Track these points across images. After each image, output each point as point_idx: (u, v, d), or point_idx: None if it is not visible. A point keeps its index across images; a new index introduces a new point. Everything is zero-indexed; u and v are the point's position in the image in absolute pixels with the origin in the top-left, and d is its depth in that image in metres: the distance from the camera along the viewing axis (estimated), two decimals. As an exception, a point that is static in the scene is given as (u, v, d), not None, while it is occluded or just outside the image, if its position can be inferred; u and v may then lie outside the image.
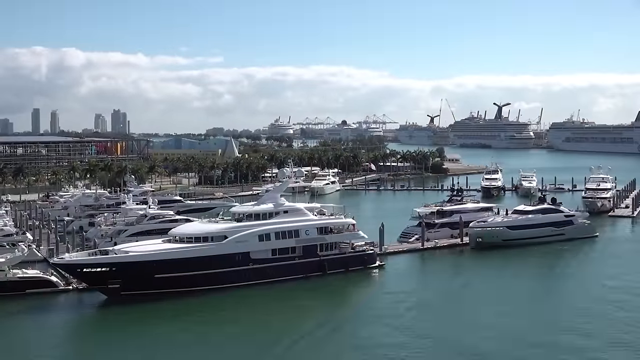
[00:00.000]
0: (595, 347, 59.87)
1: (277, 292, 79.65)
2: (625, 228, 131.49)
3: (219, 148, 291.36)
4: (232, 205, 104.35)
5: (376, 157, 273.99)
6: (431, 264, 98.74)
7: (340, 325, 68.18)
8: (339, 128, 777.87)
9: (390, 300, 76.90)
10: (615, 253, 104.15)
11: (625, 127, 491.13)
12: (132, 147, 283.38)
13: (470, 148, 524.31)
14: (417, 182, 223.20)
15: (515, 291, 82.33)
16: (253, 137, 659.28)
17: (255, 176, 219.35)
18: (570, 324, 66.54)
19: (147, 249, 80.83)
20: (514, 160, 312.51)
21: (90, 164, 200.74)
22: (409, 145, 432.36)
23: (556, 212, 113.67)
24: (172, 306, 73.75)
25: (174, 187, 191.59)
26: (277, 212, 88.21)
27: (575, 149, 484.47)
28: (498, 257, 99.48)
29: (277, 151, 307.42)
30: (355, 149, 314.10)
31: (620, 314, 69.95)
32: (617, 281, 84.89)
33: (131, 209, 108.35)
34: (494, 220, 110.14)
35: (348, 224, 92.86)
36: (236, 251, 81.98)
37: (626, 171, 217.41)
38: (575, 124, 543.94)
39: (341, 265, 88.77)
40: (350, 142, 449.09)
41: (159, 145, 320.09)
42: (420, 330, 65.28)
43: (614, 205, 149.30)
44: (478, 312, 72.14)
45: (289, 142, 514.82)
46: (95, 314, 75.12)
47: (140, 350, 61.92)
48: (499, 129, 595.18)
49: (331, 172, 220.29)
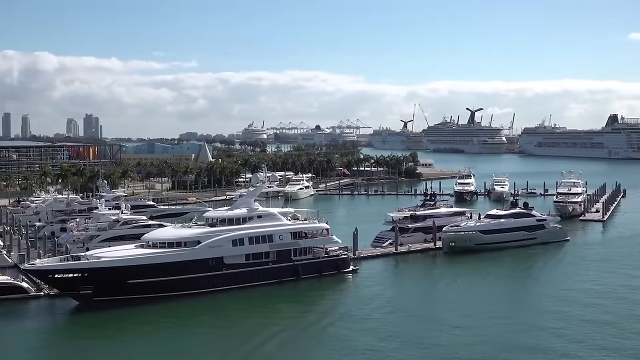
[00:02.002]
0: (564, 348, 60.39)
1: (250, 297, 79.53)
2: (595, 232, 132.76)
3: (192, 153, 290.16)
4: (206, 210, 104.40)
5: (350, 162, 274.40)
6: (404, 268, 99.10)
7: (313, 330, 68.19)
8: (313, 133, 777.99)
9: (364, 304, 76.97)
10: (586, 257, 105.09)
11: (596, 132, 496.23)
12: (105, 152, 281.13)
13: (444, 153, 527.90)
14: (391, 187, 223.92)
15: (486, 295, 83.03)
16: (227, 142, 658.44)
17: (229, 181, 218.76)
18: (540, 327, 67.03)
19: (119, 254, 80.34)
20: (486, 165, 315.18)
21: (62, 168, 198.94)
22: (382, 150, 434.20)
23: (528, 216, 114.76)
24: (145, 312, 73.37)
25: (147, 192, 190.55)
26: (251, 217, 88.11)
27: (547, 154, 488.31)
28: (470, 262, 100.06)
29: (250, 156, 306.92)
30: (329, 154, 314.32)
31: (590, 317, 70.53)
32: (587, 284, 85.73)
33: (103, 214, 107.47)
34: (467, 225, 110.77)
35: (322, 228, 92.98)
36: (210, 256, 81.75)
37: (597, 176, 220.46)
38: (546, 129, 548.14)
39: (315, 270, 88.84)
40: (324, 147, 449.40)
41: (131, 150, 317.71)
42: (393, 334, 65.47)
43: (584, 210, 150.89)
44: (450, 315, 72.39)
45: (263, 147, 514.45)
46: (67, 320, 74.38)
47: (113, 357, 61.51)
48: (472, 134, 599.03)
49: (305, 177, 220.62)
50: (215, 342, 64.01)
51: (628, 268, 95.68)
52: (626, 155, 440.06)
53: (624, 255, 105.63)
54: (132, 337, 66.71)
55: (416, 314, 73.73)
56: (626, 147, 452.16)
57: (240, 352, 61.36)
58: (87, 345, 64.62)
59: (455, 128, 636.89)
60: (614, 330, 65.58)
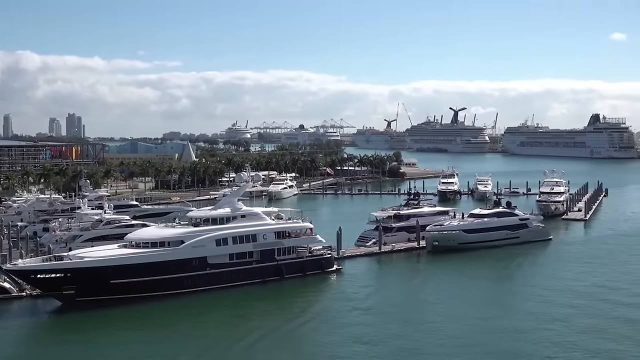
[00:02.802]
0: (547, 349, 60.74)
1: (234, 297, 79.42)
2: (578, 231, 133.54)
3: (175, 152, 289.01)
4: (189, 210, 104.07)
5: (333, 161, 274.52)
6: (388, 267, 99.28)
7: (296, 330, 68.25)
8: (297, 132, 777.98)
9: (347, 304, 77.11)
10: (569, 256, 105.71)
11: (578, 131, 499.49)
12: (88, 152, 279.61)
13: (427, 152, 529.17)
14: (374, 186, 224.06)
15: (470, 294, 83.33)
16: (210, 141, 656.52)
17: (213, 180, 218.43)
18: (523, 327, 67.41)
19: (102, 254, 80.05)
20: (469, 164, 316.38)
21: (45, 168, 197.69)
22: (366, 149, 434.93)
23: (511, 215, 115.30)
24: (128, 312, 73.14)
25: (130, 192, 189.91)
26: (235, 217, 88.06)
27: (530, 153, 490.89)
28: (454, 261, 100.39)
29: (234, 155, 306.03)
30: (313, 154, 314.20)
31: (572, 316, 70.98)
32: (569, 283, 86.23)
33: (86, 214, 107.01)
34: (450, 224, 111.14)
35: (306, 228, 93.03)
36: (193, 256, 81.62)
37: (579, 175, 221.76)
38: (529, 128, 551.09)
39: (299, 270, 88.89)
40: (307, 147, 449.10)
41: (114, 150, 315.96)
42: (377, 334, 65.62)
43: (567, 209, 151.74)
44: (434, 315, 72.72)
45: (247, 147, 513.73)
46: (50, 321, 73.97)
47: (96, 357, 61.30)
48: (455, 133, 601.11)
49: (289, 176, 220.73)
50: (199, 342, 63.83)
51: (610, 267, 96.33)
52: (608, 155, 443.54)
53: (606, 254, 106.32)
54: (115, 337, 66.38)
55: (400, 313, 73.80)
56: (608, 147, 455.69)
57: (224, 352, 61.46)
58: (70, 345, 64.37)
59: (438, 127, 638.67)
60: (595, 331, 65.83)
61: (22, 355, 63.51)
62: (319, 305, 79.01)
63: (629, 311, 72.64)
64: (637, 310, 73.10)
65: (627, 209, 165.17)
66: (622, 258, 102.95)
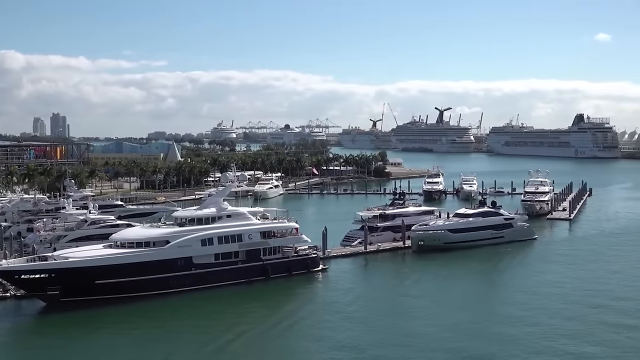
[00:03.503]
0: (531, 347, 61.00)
1: (220, 297, 79.33)
2: (562, 230, 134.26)
3: (161, 152, 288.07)
4: (174, 210, 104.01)
5: (319, 161, 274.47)
6: (374, 267, 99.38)
7: (282, 329, 68.18)
8: (282, 132, 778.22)
9: (333, 304, 77.20)
10: (553, 255, 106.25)
11: (563, 131, 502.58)
12: (72, 152, 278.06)
13: (412, 152, 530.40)
14: (360, 186, 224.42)
15: (455, 294, 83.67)
16: (196, 141, 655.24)
17: (198, 180, 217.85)
18: (507, 327, 67.74)
19: (87, 254, 79.73)
20: (455, 164, 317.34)
21: (29, 168, 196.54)
22: (351, 149, 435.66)
23: (496, 215, 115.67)
24: (113, 313, 72.84)
25: (115, 192, 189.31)
26: (220, 217, 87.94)
27: (515, 153, 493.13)
28: (439, 260, 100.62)
29: (219, 155, 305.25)
30: (299, 153, 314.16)
31: (557, 316, 71.37)
32: (554, 283, 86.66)
33: (71, 214, 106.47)
34: (436, 224, 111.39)
35: (291, 228, 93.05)
36: (178, 256, 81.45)
37: (563, 174, 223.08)
38: (514, 128, 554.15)
39: (284, 270, 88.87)
40: (293, 146, 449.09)
41: (99, 150, 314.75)
42: (362, 334, 65.68)
43: (551, 208, 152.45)
44: (419, 315, 73.02)
45: (232, 146, 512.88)
46: (34, 321, 73.55)
47: (81, 358, 61.16)
48: (441, 133, 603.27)
49: (274, 176, 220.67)
50: (184, 342, 63.69)
51: (594, 267, 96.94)
52: (592, 154, 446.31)
53: (590, 253, 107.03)
54: (100, 338, 66.13)
55: (385, 313, 73.91)
56: (592, 147, 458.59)
57: (209, 352, 61.22)
58: (55, 346, 64.06)
59: (424, 127, 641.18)
60: (580, 331, 66.12)
61: (6, 356, 63.13)
62: (305, 305, 78.96)
63: (613, 311, 72.96)
64: (621, 310, 73.42)
65: (611, 209, 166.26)
66: (607, 257, 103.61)
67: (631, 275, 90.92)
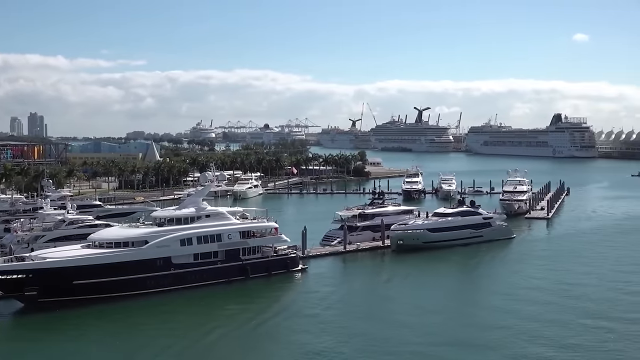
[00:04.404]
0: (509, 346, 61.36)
1: (199, 297, 79.12)
2: (540, 229, 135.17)
3: (139, 152, 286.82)
4: (153, 210, 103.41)
5: (299, 161, 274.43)
6: (353, 266, 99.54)
7: (261, 329, 68.14)
8: (262, 132, 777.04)
9: (312, 303, 77.24)
10: (531, 254, 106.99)
11: (541, 131, 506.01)
12: (50, 151, 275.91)
13: (392, 152, 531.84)
14: (339, 186, 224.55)
15: (434, 293, 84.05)
16: (175, 140, 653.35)
17: (177, 180, 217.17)
18: (484, 324, 68.21)
19: (65, 254, 79.21)
20: (434, 163, 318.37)
21: (6, 168, 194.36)
22: (331, 149, 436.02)
23: (475, 214, 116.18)
24: (91, 313, 72.43)
25: (93, 192, 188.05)
26: (199, 217, 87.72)
27: (493, 152, 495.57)
28: (418, 260, 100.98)
29: (199, 155, 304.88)
30: (278, 153, 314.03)
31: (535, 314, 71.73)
32: (532, 281, 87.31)
33: (49, 214, 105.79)
34: (415, 223, 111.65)
35: (271, 227, 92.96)
36: (157, 256, 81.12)
37: (541, 174, 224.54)
38: (493, 128, 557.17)
39: (264, 269, 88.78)
40: (272, 146, 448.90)
41: (77, 149, 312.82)
42: (341, 333, 65.79)
43: (530, 208, 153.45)
44: (398, 314, 73.18)
45: (211, 146, 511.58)
46: (12, 322, 73.16)
47: (59, 359, 60.76)
48: (420, 133, 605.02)
49: (254, 175, 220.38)
50: (163, 343, 63.46)
51: (571, 265, 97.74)
52: (570, 154, 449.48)
53: (568, 252, 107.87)
54: (78, 338, 65.82)
55: (364, 312, 74.14)
56: (570, 146, 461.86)
57: (188, 352, 61.10)
58: (33, 347, 63.64)
59: (403, 127, 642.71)
60: (557, 327, 66.70)
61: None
62: (284, 305, 78.90)
63: (591, 309, 73.50)
64: (599, 308, 74.00)
65: (589, 208, 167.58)
66: (584, 256, 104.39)
67: (609, 273, 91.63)
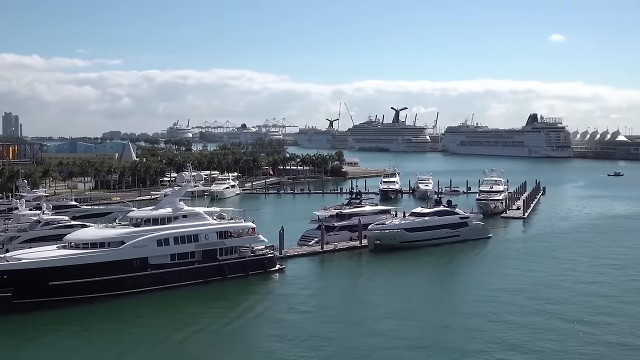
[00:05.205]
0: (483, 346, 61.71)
1: (176, 298, 78.82)
2: (517, 229, 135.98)
3: (116, 152, 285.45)
4: (130, 210, 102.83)
5: (276, 161, 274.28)
6: (330, 266, 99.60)
7: (238, 330, 68.12)
8: (239, 132, 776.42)
9: (290, 303, 77.15)
10: (508, 253, 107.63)
11: (517, 131, 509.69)
12: (25, 151, 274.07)
13: (369, 152, 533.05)
14: (317, 186, 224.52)
15: (411, 292, 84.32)
16: (151, 140, 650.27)
17: (154, 180, 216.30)
18: (462, 323, 68.48)
19: (41, 255, 78.61)
20: (411, 163, 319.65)
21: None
22: (308, 149, 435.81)
23: (452, 214, 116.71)
24: (67, 314, 71.99)
25: (69, 192, 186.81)
26: (176, 217, 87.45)
27: (470, 152, 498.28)
28: (396, 259, 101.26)
29: (175, 155, 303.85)
30: (255, 153, 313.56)
31: (510, 314, 72.19)
32: (508, 281, 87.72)
33: (24, 215, 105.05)
34: (392, 223, 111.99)
35: (248, 227, 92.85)
36: (134, 257, 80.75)
37: (517, 174, 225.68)
38: (469, 128, 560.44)
39: (241, 270, 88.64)
40: (250, 146, 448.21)
41: (53, 149, 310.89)
42: (318, 333, 65.81)
43: (506, 207, 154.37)
44: (375, 314, 73.26)
45: (188, 146, 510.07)
46: (-14, 323, 72.51)
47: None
48: (397, 133, 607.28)
49: (231, 176, 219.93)
50: (139, 343, 63.22)
51: (548, 264, 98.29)
52: (545, 154, 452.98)
53: (544, 251, 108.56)
54: (54, 340, 65.36)
55: (342, 312, 74.27)
56: (545, 146, 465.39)
57: (164, 352, 60.98)
58: (7, 349, 63.19)
59: (380, 127, 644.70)
60: (533, 326, 67.17)
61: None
62: (261, 305, 78.69)
63: (567, 307, 74.11)
64: (575, 306, 74.61)
65: (564, 207, 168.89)
66: (560, 255, 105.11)
67: (584, 272, 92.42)
